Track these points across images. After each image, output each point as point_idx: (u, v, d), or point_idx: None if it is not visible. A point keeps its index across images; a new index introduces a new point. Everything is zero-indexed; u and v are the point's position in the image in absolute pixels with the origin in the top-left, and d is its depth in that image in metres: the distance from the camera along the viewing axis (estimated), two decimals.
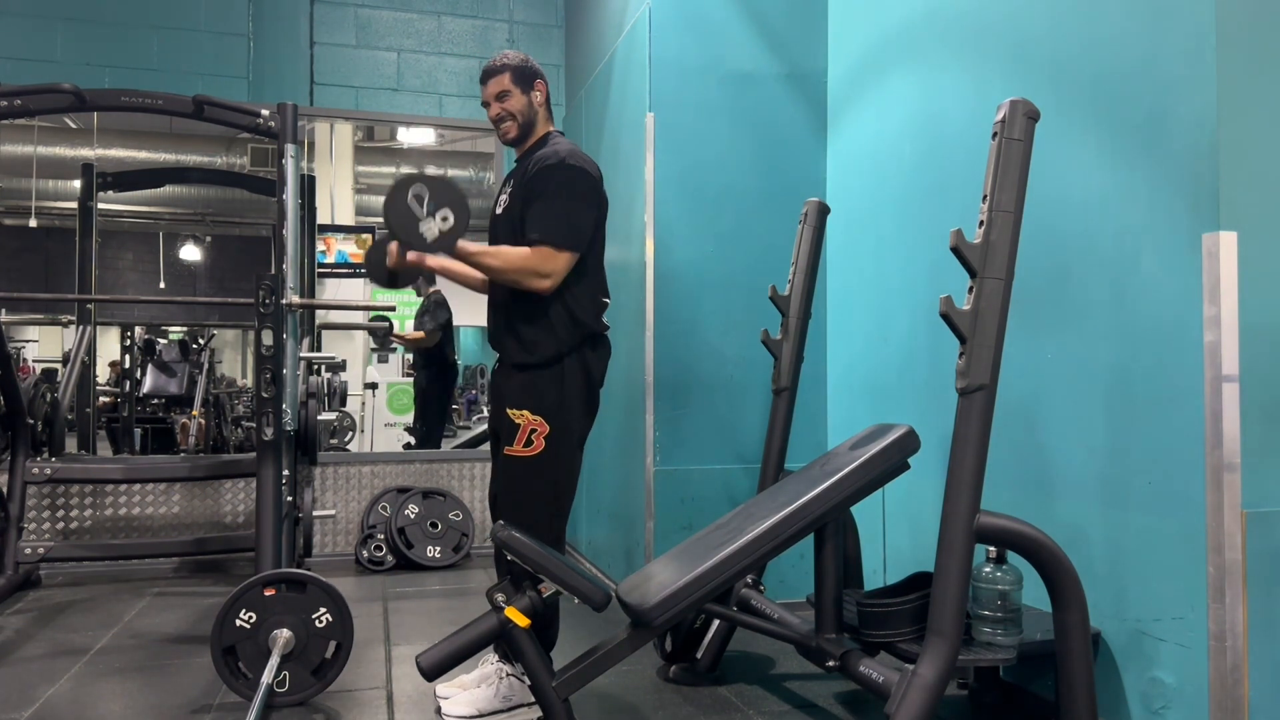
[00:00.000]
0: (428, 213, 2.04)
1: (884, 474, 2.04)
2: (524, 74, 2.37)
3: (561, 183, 2.23)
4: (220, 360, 6.34)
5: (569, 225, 2.22)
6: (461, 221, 2.08)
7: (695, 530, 2.57)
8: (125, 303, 5.69)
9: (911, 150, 2.88)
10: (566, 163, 2.24)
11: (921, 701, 1.72)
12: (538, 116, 2.40)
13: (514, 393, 2.28)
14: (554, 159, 2.25)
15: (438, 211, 2.04)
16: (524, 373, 2.28)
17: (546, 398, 2.25)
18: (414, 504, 4.16)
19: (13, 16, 4.05)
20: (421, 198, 2.03)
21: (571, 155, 2.27)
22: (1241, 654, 1.78)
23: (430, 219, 2.04)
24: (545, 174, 2.24)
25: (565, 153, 2.27)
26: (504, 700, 2.26)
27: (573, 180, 2.24)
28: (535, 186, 2.24)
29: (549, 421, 2.24)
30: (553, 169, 2.24)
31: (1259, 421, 1.81)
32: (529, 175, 2.27)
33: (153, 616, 3.23)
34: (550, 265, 2.20)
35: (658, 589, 1.93)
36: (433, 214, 2.04)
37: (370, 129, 5.92)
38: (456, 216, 2.07)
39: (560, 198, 2.22)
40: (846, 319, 3.31)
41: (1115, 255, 2.07)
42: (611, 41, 3.81)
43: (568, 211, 2.22)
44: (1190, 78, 1.88)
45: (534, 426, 2.24)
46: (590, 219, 2.28)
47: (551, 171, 2.24)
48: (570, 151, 2.28)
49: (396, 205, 2.05)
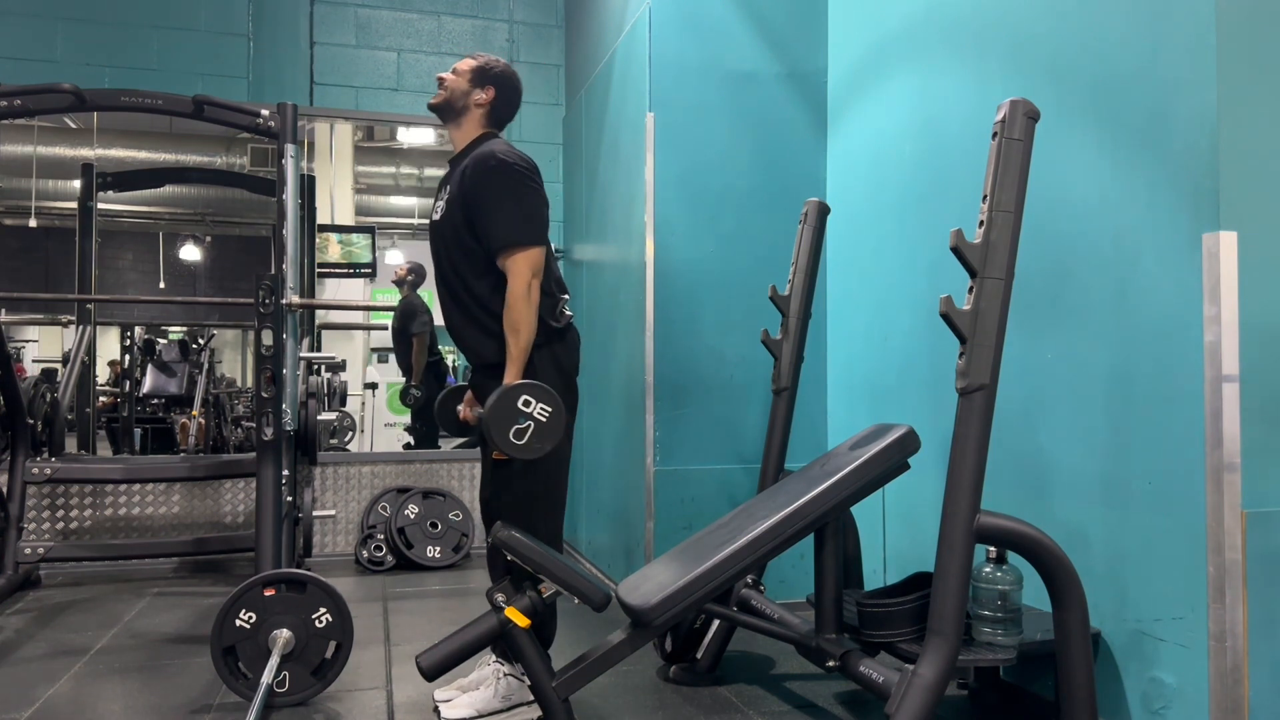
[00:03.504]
0: (528, 417, 2.07)
1: (884, 474, 2.04)
2: (483, 73, 2.40)
3: (505, 184, 2.23)
4: (220, 360, 6.34)
5: (526, 222, 2.23)
6: (556, 418, 2.09)
7: (695, 530, 2.57)
8: (125, 303, 5.68)
9: (912, 150, 2.88)
10: (504, 162, 2.24)
11: (921, 701, 1.72)
12: (468, 111, 2.39)
13: None
14: (492, 160, 2.25)
15: (536, 406, 2.08)
16: (498, 377, 2.25)
17: None
18: (414, 504, 4.16)
19: (13, 16, 4.06)
20: (530, 401, 2.07)
21: (508, 154, 2.27)
22: (1241, 654, 1.78)
23: (528, 420, 2.07)
24: (489, 175, 2.24)
25: (501, 152, 2.27)
26: (504, 700, 2.26)
27: (518, 177, 2.24)
28: (478, 190, 2.24)
29: None
30: (491, 173, 2.24)
31: (1259, 421, 1.81)
32: (467, 179, 2.27)
33: (153, 616, 3.23)
34: (527, 268, 2.20)
35: (657, 589, 1.93)
36: (533, 416, 2.07)
37: (370, 129, 5.91)
38: (553, 414, 2.09)
39: (511, 197, 2.22)
40: (846, 319, 3.31)
41: (1115, 255, 2.07)
42: (611, 41, 3.81)
43: (519, 210, 2.23)
44: (1190, 78, 1.88)
45: None
46: (542, 211, 2.29)
47: (493, 174, 2.23)
48: (506, 150, 2.28)
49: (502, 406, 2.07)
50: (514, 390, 2.07)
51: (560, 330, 2.32)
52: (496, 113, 2.42)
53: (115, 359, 5.85)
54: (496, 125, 2.43)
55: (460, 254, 2.30)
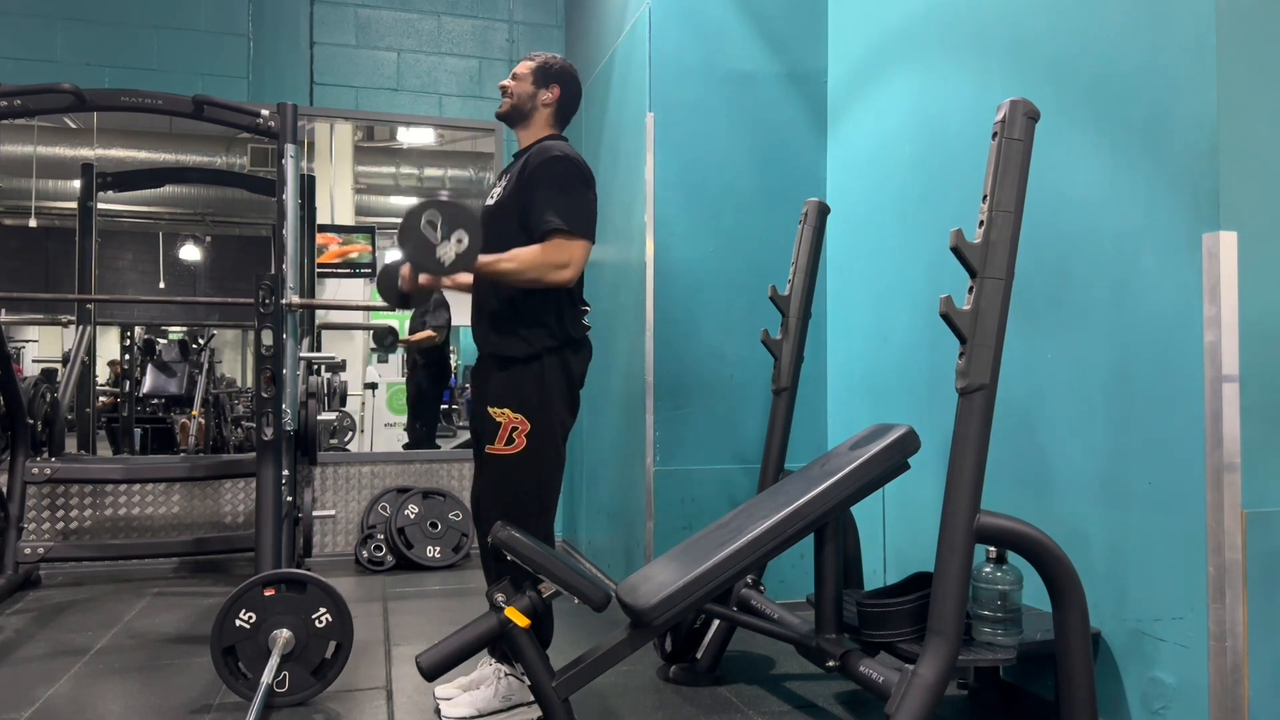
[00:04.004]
0: (442, 237, 2.08)
1: (884, 474, 2.04)
2: (545, 72, 2.41)
3: (568, 174, 2.25)
4: (220, 360, 6.34)
5: (582, 213, 2.24)
6: (475, 241, 2.11)
7: (695, 530, 2.57)
8: (125, 303, 5.68)
9: (911, 150, 2.88)
10: (570, 157, 2.28)
11: (921, 701, 1.72)
12: (536, 113, 2.41)
13: (495, 390, 2.28)
14: (556, 151, 2.28)
15: (452, 234, 2.08)
16: (504, 370, 2.27)
17: (527, 396, 2.25)
18: (414, 504, 4.16)
19: (13, 16, 4.05)
20: (435, 223, 2.08)
21: (572, 153, 2.31)
22: (1241, 654, 1.78)
23: (445, 242, 2.08)
24: (549, 164, 2.25)
25: (567, 150, 2.31)
26: (504, 700, 2.26)
27: (579, 173, 2.27)
28: (538, 177, 2.25)
29: (530, 419, 2.24)
30: (557, 160, 2.26)
31: (1259, 421, 1.81)
32: (529, 168, 2.28)
33: (153, 616, 3.23)
34: (567, 254, 2.20)
35: (657, 589, 1.93)
36: (447, 237, 2.08)
37: (370, 129, 5.91)
38: (471, 236, 2.10)
39: (570, 187, 2.24)
40: (846, 319, 3.31)
41: (1115, 255, 2.07)
42: (611, 41, 3.81)
43: (578, 202, 2.24)
44: (1190, 78, 1.88)
45: (515, 425, 2.24)
46: (594, 213, 2.30)
47: (556, 163, 2.25)
48: (570, 150, 2.32)
49: (411, 233, 2.08)
50: (413, 213, 2.08)
51: (577, 341, 2.33)
52: (563, 110, 2.43)
53: (115, 359, 5.85)
54: (562, 122, 2.45)
55: (508, 241, 2.29)
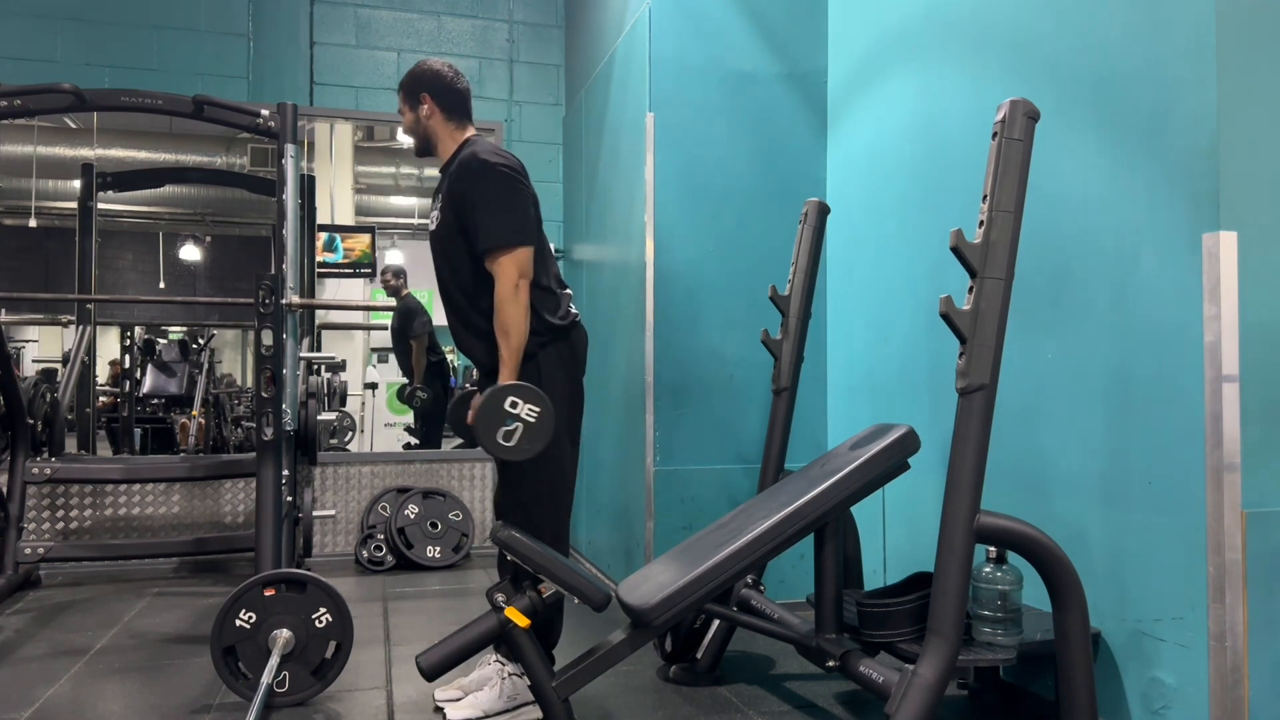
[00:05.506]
0: (512, 414, 2.08)
1: (884, 474, 2.04)
2: (410, 90, 2.39)
3: (488, 185, 2.22)
4: (220, 360, 6.34)
5: (511, 223, 2.21)
6: (545, 422, 2.10)
7: (695, 530, 2.57)
8: (125, 303, 5.68)
9: (911, 150, 2.88)
10: (486, 163, 2.23)
11: (921, 701, 1.72)
12: (431, 131, 2.38)
13: None
14: (474, 163, 2.24)
15: (524, 408, 2.09)
16: None
17: None
18: (414, 504, 4.16)
19: (13, 16, 4.05)
20: (517, 403, 2.08)
21: (490, 154, 2.26)
22: (1241, 654, 1.78)
23: (515, 422, 2.08)
24: (468, 181, 2.23)
25: (484, 153, 2.26)
26: (508, 700, 2.26)
27: (498, 179, 2.23)
28: (462, 195, 2.23)
29: None
30: (474, 174, 2.23)
31: (1259, 421, 1.81)
32: (453, 186, 2.27)
33: (153, 616, 3.23)
34: (515, 269, 2.19)
35: (657, 589, 1.93)
36: (519, 417, 2.08)
37: (370, 129, 5.91)
38: (542, 413, 2.10)
39: (493, 200, 2.22)
40: (846, 319, 3.31)
41: (1115, 255, 2.07)
42: (611, 41, 3.81)
43: (504, 211, 2.22)
44: (1190, 78, 1.88)
45: None
46: (528, 210, 2.27)
47: (474, 177, 2.23)
48: (489, 151, 2.28)
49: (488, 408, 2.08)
50: (500, 392, 2.08)
51: (565, 328, 2.32)
52: (447, 107, 2.38)
53: (115, 359, 5.85)
54: (458, 117, 2.39)
55: (456, 261, 2.30)
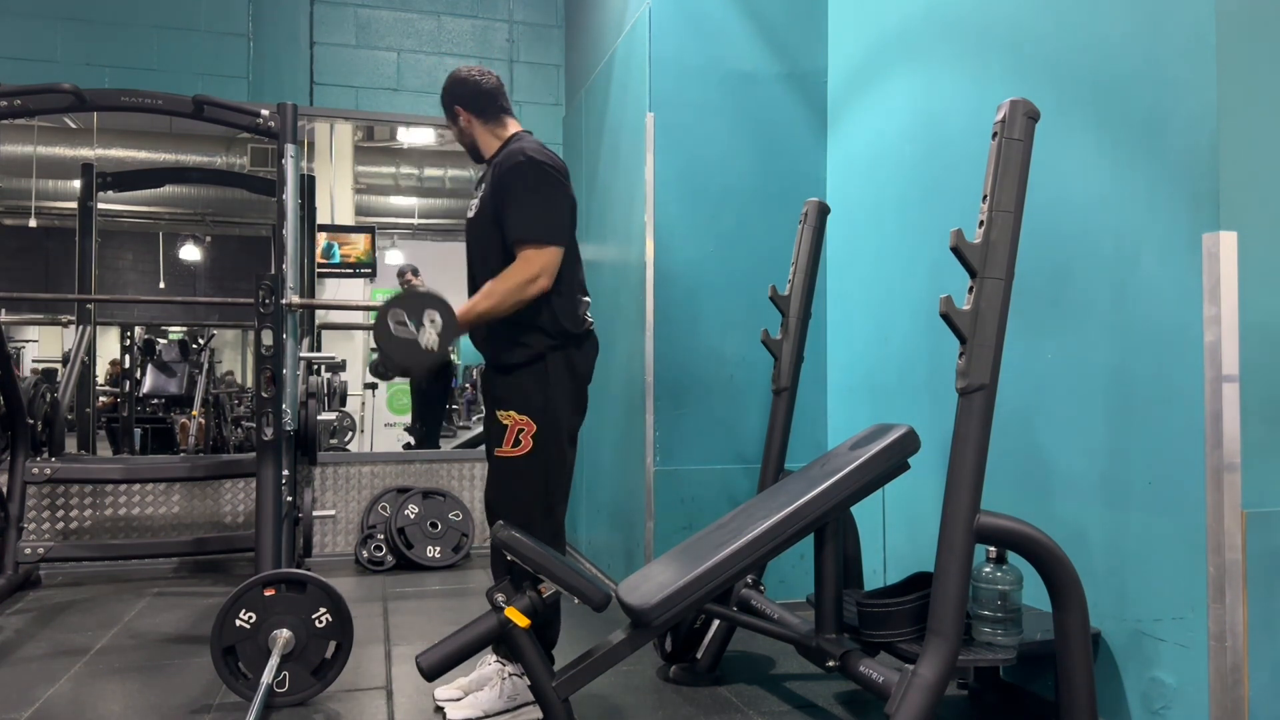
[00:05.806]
0: (416, 327, 2.08)
1: (884, 474, 2.04)
2: (446, 107, 2.47)
3: (530, 179, 2.23)
4: (220, 360, 6.34)
5: (546, 220, 2.22)
6: (446, 311, 2.11)
7: (695, 530, 2.56)
8: (125, 303, 5.69)
9: (911, 150, 2.88)
10: (533, 159, 2.24)
11: (921, 701, 1.72)
12: (476, 136, 2.43)
13: (500, 394, 2.29)
14: (520, 156, 2.25)
15: (424, 319, 2.09)
16: (508, 374, 2.28)
17: (532, 397, 2.25)
18: (414, 504, 4.16)
19: (13, 16, 4.05)
20: (403, 321, 2.08)
21: (537, 151, 2.27)
22: (1241, 654, 1.78)
23: (422, 329, 2.08)
24: (512, 173, 2.24)
25: (530, 149, 2.27)
26: (509, 700, 2.26)
27: (541, 175, 2.24)
28: (504, 186, 2.24)
29: (535, 421, 2.24)
30: (519, 167, 2.24)
31: (1259, 421, 1.81)
32: (497, 177, 2.27)
33: (153, 616, 3.23)
34: (537, 265, 2.19)
35: (657, 589, 1.93)
36: (420, 325, 2.09)
37: (370, 129, 5.92)
38: (440, 311, 2.10)
39: (532, 194, 2.22)
40: (846, 319, 3.31)
41: (1115, 255, 2.07)
42: (611, 41, 3.81)
43: (542, 206, 2.22)
44: (1190, 78, 1.88)
45: (521, 426, 2.24)
46: (565, 211, 2.28)
47: (518, 170, 2.23)
48: (536, 148, 2.28)
49: (389, 340, 2.09)
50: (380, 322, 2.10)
51: (578, 336, 2.32)
52: (485, 115, 2.41)
53: (115, 359, 5.86)
54: (495, 117, 2.42)
55: (488, 250, 2.30)
